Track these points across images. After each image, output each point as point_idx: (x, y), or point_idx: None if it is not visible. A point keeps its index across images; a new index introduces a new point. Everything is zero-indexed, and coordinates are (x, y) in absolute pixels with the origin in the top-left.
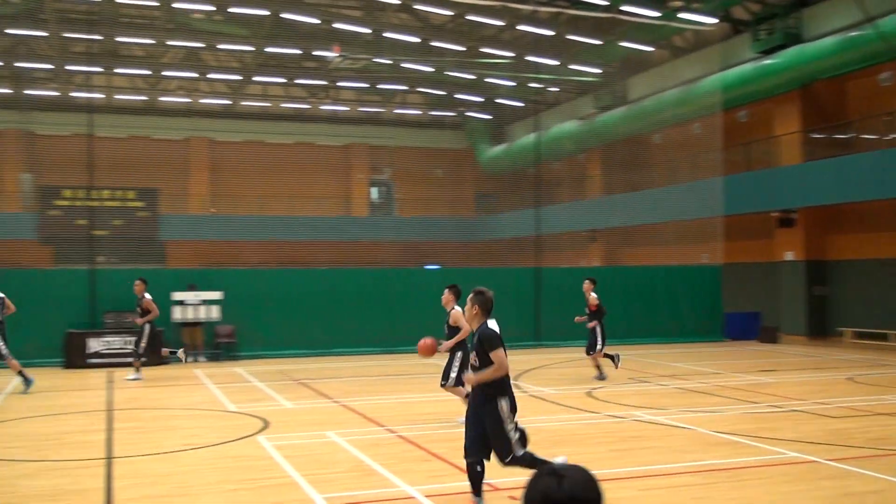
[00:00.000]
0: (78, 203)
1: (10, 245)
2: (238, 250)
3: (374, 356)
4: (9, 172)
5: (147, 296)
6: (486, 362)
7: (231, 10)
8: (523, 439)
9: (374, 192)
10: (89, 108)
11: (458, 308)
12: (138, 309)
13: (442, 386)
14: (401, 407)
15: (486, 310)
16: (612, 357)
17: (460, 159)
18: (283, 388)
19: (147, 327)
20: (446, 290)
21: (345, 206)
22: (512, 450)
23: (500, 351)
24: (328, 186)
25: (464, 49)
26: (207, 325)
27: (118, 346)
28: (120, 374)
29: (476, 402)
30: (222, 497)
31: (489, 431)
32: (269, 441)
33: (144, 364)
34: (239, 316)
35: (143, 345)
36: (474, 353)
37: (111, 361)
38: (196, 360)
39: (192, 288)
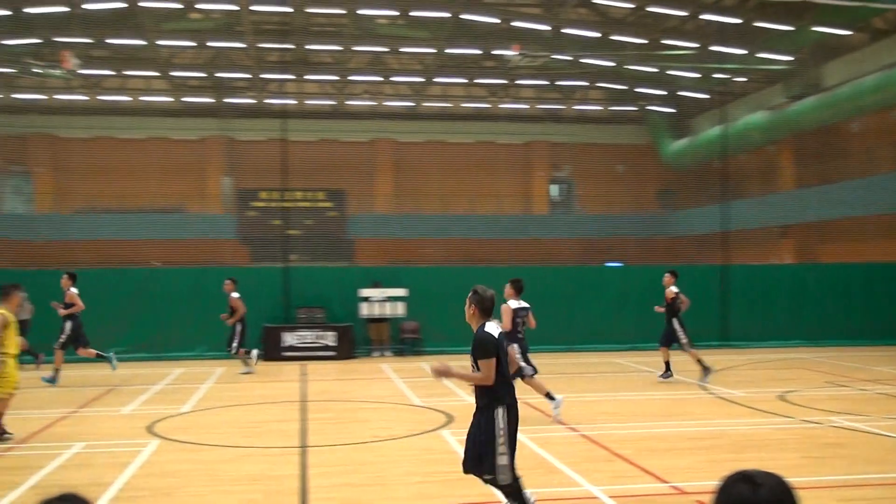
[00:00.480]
0: (273, 204)
1: (212, 244)
2: (422, 248)
3: (553, 354)
4: (211, 176)
5: (235, 295)
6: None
7: (413, 13)
8: (512, 468)
9: (555, 190)
10: (283, 113)
11: (511, 303)
12: (230, 308)
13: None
14: (582, 405)
15: (484, 309)
16: (702, 364)
17: (642, 154)
18: (463, 383)
19: (238, 326)
20: (507, 285)
21: (525, 204)
22: (495, 470)
23: (491, 361)
24: (508, 184)
25: (645, 42)
26: (392, 321)
27: (310, 340)
28: (312, 367)
29: (476, 411)
30: (412, 488)
31: (482, 440)
32: (455, 436)
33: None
34: (423, 312)
35: (234, 344)
36: (471, 356)
37: (304, 355)
38: (382, 355)
39: (376, 285)
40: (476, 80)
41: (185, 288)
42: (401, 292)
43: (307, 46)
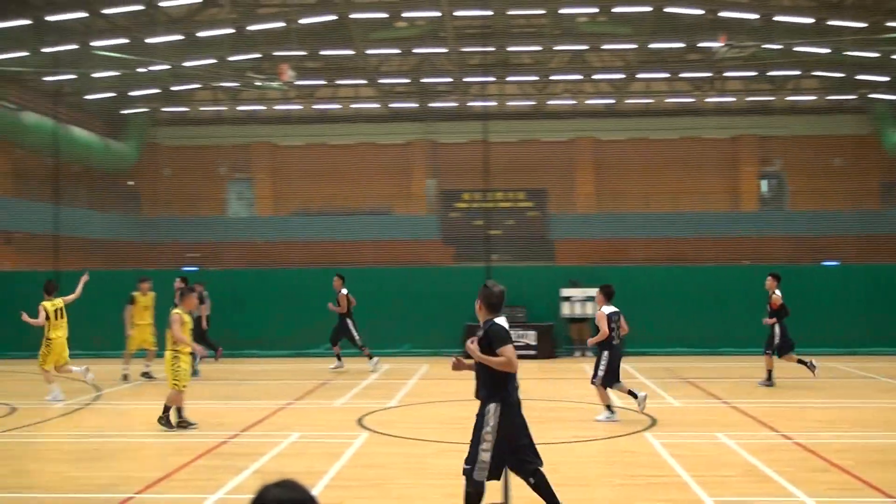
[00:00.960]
0: (475, 205)
1: (417, 245)
2: (624, 248)
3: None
4: (416, 179)
5: (343, 291)
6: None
7: (615, 9)
8: (492, 468)
9: (764, 185)
10: (484, 115)
11: (604, 309)
12: (336, 304)
13: (592, 383)
14: (796, 412)
15: (490, 304)
16: (806, 364)
17: (862, 146)
18: (669, 385)
19: (348, 321)
20: (597, 291)
21: (732, 201)
22: (474, 464)
23: (509, 348)
24: (714, 181)
25: (865, 25)
26: (593, 322)
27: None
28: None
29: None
30: (614, 490)
31: (474, 431)
32: (657, 439)
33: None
34: (624, 312)
35: (357, 338)
36: (470, 352)
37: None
38: (583, 355)
39: (574, 284)
40: (680, 75)
41: (392, 287)
42: None
43: (508, 48)
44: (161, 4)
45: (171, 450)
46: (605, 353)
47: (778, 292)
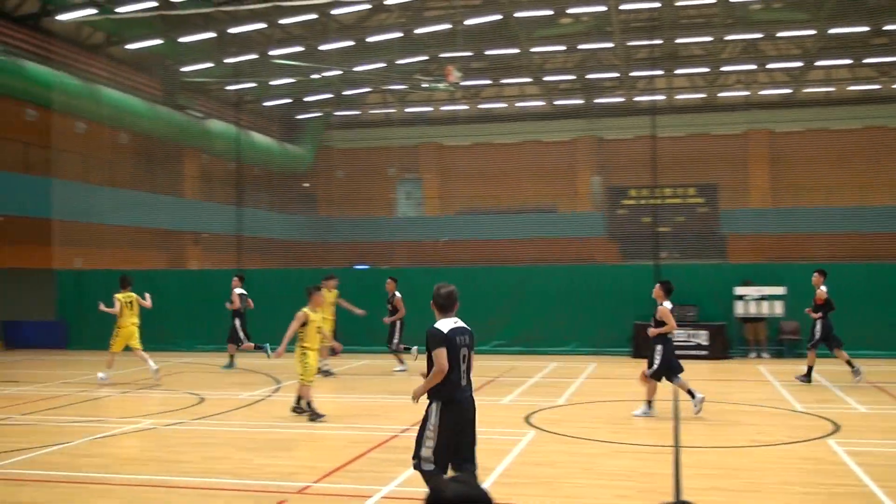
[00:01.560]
0: (642, 202)
1: (582, 243)
2: (803, 243)
3: None
4: (581, 176)
5: (397, 294)
6: (430, 362)
7: None
8: (437, 462)
9: None
10: (652, 110)
11: (666, 304)
12: (389, 306)
13: (644, 375)
14: None
15: (438, 305)
16: (851, 365)
17: None
18: (854, 390)
19: (397, 324)
20: (657, 286)
21: None
22: (419, 458)
23: (440, 351)
24: None
25: None
26: (770, 321)
27: (682, 339)
28: (684, 366)
29: None
30: (794, 499)
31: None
32: (841, 446)
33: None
34: (799, 311)
35: (395, 340)
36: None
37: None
38: (759, 356)
39: (746, 283)
40: (864, 60)
41: (557, 285)
42: (779, 290)
43: (677, 40)
44: (333, 12)
45: (346, 442)
46: (660, 348)
47: (823, 288)
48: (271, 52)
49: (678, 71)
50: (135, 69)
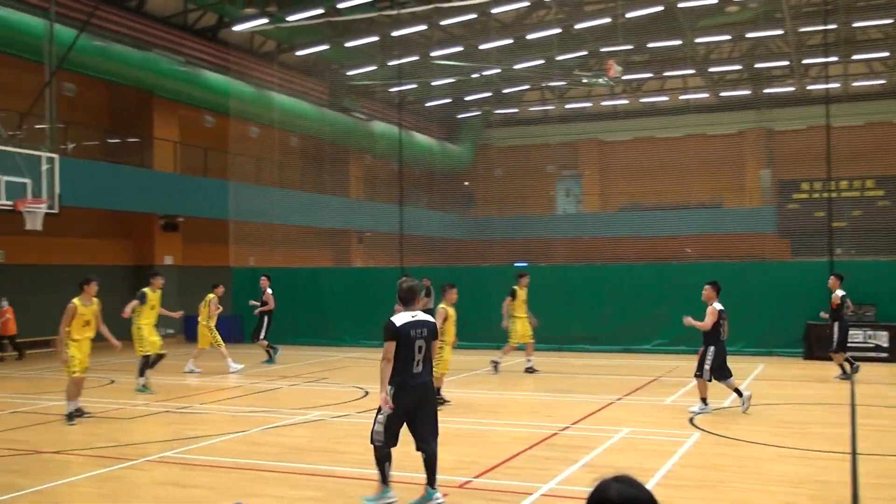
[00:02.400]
0: (815, 195)
1: (750, 239)
2: None
3: None
4: (750, 169)
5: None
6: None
7: None
8: (386, 438)
9: None
10: (826, 98)
11: (715, 305)
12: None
13: (696, 376)
14: None
15: (401, 299)
16: (850, 362)
17: None
18: None
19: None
20: (707, 286)
21: None
22: (371, 432)
23: (389, 343)
24: None
25: None
26: None
27: (860, 340)
28: (862, 368)
29: None
30: None
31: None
32: None
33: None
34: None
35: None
36: None
37: (852, 355)
38: None
39: None
40: None
41: (723, 283)
42: None
43: (853, 24)
44: (493, 11)
45: (508, 438)
46: (711, 349)
47: (839, 292)
48: (432, 53)
49: (855, 56)
50: (303, 74)
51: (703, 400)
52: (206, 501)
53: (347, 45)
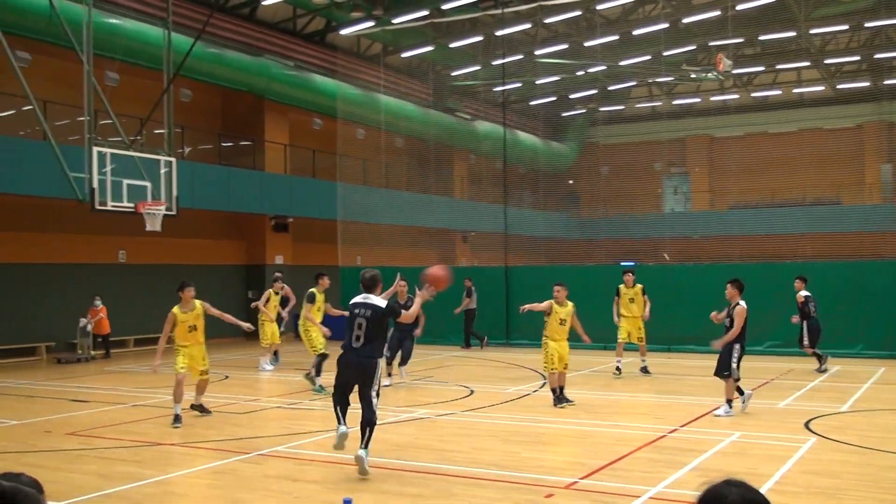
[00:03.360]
0: None
1: (870, 237)
2: None
3: None
4: (870, 164)
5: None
6: None
7: None
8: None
9: None
10: None
11: (741, 304)
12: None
13: (724, 376)
14: None
15: (363, 285)
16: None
17: None
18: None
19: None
20: (729, 285)
21: None
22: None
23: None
24: None
25: None
26: None
27: None
28: None
29: None
30: None
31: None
32: None
33: None
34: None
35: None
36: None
37: None
38: None
39: None
40: None
41: (841, 283)
42: None
43: None
44: (598, 7)
45: (613, 439)
46: (738, 346)
47: (800, 293)
48: (536, 52)
49: None
50: (408, 76)
51: (729, 402)
52: (316, 496)
53: (451, 45)
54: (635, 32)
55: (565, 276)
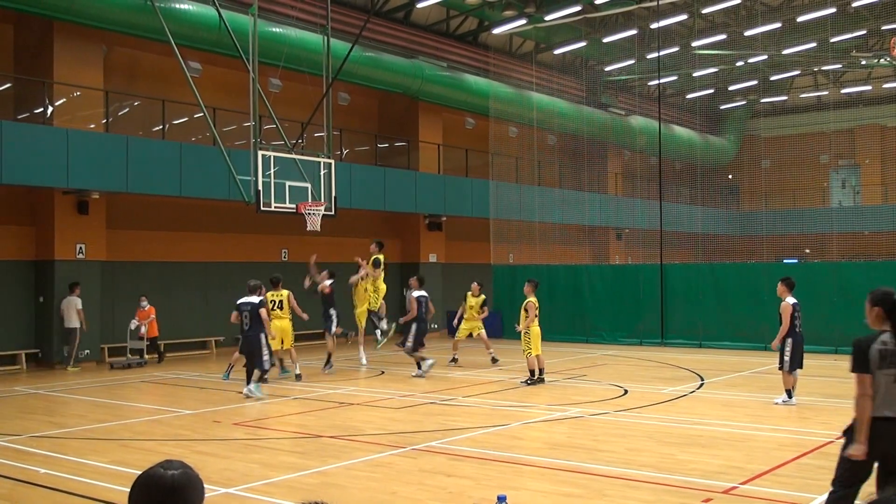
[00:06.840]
0: None
1: None
2: None
3: None
4: None
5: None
6: None
7: None
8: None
9: None
10: None
11: (789, 300)
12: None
13: (780, 369)
14: None
15: (249, 290)
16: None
17: None
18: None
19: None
20: (780, 283)
21: None
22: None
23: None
24: None
25: None
26: None
27: None
28: None
29: None
30: None
31: None
32: None
33: None
34: None
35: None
36: None
37: None
38: None
39: None
40: None
41: None
42: None
43: None
44: None
45: (775, 444)
46: (790, 341)
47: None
48: (693, 44)
49: None
50: (560, 73)
51: (788, 392)
52: (469, 492)
53: (605, 40)
54: (800, 19)
55: (723, 274)
